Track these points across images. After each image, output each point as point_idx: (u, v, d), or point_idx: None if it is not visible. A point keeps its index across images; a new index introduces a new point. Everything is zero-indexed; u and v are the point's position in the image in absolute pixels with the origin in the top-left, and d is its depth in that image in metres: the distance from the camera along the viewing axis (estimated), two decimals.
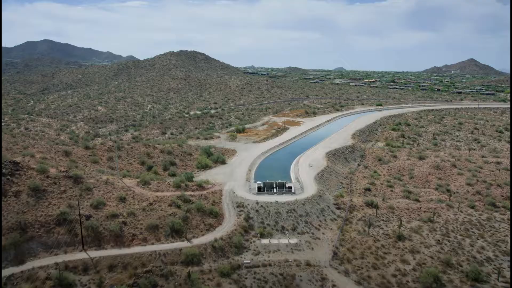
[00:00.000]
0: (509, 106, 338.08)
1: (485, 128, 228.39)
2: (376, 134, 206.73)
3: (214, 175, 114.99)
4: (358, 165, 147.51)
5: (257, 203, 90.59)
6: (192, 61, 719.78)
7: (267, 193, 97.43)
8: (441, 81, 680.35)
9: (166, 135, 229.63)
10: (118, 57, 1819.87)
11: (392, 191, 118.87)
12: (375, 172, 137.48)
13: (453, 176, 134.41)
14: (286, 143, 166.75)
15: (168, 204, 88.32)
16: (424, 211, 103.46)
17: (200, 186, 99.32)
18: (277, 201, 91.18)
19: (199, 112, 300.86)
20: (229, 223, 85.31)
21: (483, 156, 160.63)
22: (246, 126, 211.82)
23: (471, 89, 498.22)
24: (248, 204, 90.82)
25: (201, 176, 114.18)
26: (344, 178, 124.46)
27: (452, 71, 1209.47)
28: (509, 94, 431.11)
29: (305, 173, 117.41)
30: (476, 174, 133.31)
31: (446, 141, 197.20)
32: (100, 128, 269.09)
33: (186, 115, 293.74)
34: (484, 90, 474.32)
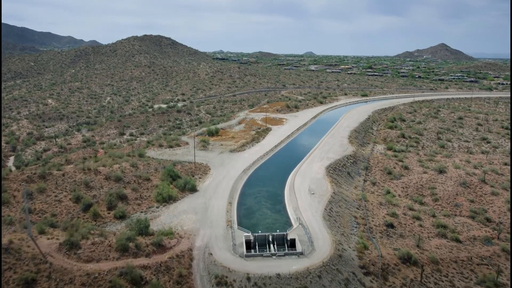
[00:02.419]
0: (500, 95, 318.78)
1: (488, 123, 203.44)
2: (373, 134, 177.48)
3: (180, 214, 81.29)
4: (364, 181, 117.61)
5: (249, 279, 57.79)
6: (157, 46, 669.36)
7: (262, 256, 64.43)
8: (419, 67, 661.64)
9: (125, 137, 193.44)
10: (80, 42, 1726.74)
11: (421, 225, 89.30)
12: (388, 192, 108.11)
13: (487, 197, 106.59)
14: (271, 152, 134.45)
15: None
16: (477, 264, 74.55)
17: (159, 246, 65.39)
18: (279, 275, 58.57)
19: (164, 106, 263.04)
20: None
21: (505, 164, 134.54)
22: (220, 126, 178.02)
23: (451, 75, 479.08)
24: (234, 281, 57.93)
25: (162, 216, 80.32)
26: (357, 208, 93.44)
27: (424, 56, 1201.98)
28: (493, 81, 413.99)
29: (307, 207, 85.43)
30: None
31: (452, 142, 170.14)
32: (47, 127, 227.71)
33: (150, 110, 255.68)
34: (466, 77, 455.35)
